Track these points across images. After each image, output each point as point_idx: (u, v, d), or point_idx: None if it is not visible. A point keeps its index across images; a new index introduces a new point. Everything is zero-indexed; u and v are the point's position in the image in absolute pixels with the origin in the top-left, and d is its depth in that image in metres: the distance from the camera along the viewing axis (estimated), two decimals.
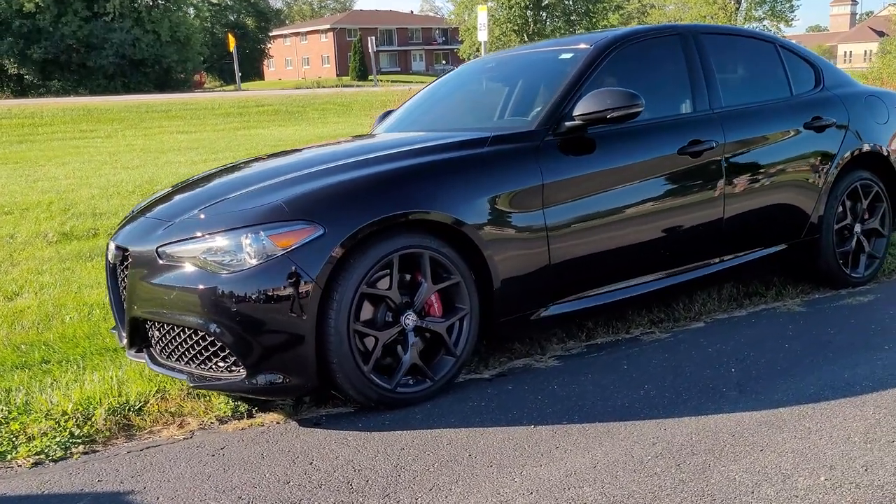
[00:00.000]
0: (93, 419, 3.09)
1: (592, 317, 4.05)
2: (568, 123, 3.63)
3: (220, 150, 14.42)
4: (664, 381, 3.38)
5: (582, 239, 3.60)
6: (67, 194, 9.06)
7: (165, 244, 3.13)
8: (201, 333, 3.03)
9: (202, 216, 3.20)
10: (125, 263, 3.28)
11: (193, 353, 3.10)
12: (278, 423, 3.12)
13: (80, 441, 2.97)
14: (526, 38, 59.75)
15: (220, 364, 3.05)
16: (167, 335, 3.19)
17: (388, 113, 4.98)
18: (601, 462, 2.67)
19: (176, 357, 3.18)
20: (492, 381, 3.47)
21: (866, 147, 4.68)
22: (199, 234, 3.08)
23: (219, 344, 3.00)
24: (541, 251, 3.47)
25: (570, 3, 60.10)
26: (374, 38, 48.88)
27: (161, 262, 3.10)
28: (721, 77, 4.33)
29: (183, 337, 3.13)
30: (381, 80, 58.88)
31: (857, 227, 4.74)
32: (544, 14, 59.56)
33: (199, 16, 56.53)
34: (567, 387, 3.37)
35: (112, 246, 3.43)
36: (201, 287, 2.96)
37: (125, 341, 3.37)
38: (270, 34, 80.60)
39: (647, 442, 2.82)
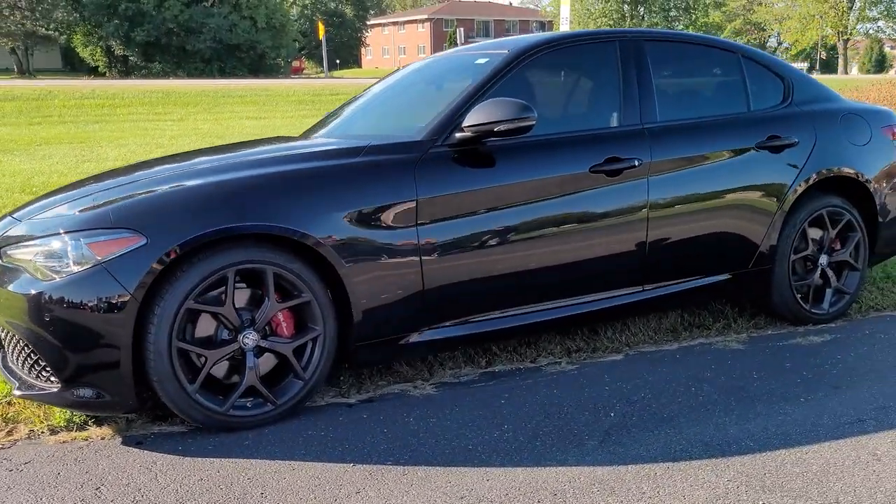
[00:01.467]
0: None
1: (480, 343, 3.77)
2: (458, 135, 3.37)
3: None
4: (530, 422, 3.10)
5: (465, 260, 3.34)
6: None
7: (7, 245, 3.04)
8: (25, 341, 2.93)
9: (46, 217, 3.10)
10: None
11: (31, 361, 3.01)
12: (103, 438, 3.00)
13: None
14: None
15: (44, 374, 2.95)
16: (12, 339, 3.11)
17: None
18: None
19: (19, 362, 3.10)
20: (352, 408, 3.26)
21: (836, 171, 4.22)
22: (37, 236, 2.98)
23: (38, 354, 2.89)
24: (412, 272, 3.23)
25: None
26: (462, 29, 48.61)
27: (2, 262, 3.02)
28: (664, 89, 3.97)
29: (23, 343, 3.03)
30: None
31: (823, 259, 4.28)
32: (642, 9, 58.14)
33: (297, 3, 57.51)
34: (424, 421, 3.12)
35: None
36: (26, 292, 2.85)
37: None
38: (368, 23, 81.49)
39: (457, 495, 2.56)
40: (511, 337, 3.76)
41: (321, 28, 41.05)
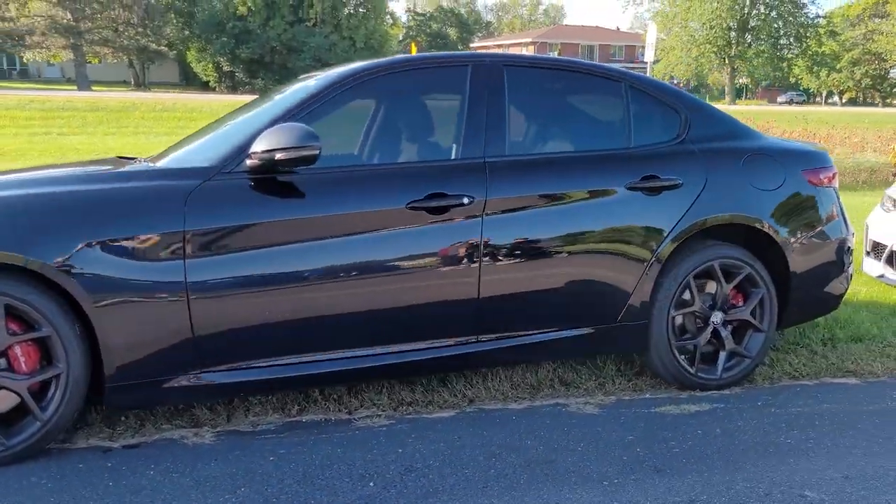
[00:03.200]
0: None
1: (269, 391, 3.44)
2: (249, 162, 3.09)
3: None
4: (274, 486, 2.77)
5: (247, 300, 3.05)
6: None
7: None
8: None
9: None
10: None
11: None
12: None
13: None
14: (727, 61, 56.77)
15: None
16: None
17: None
18: None
19: None
20: (107, 454, 3.01)
21: (729, 218, 3.71)
22: None
23: None
24: (177, 309, 2.96)
25: (780, 25, 56.24)
26: (557, 53, 48.13)
27: None
28: (523, 120, 3.59)
29: None
30: None
31: (716, 317, 3.76)
32: (749, 37, 56.16)
33: (396, 24, 58.42)
34: (165, 476, 2.84)
35: None
36: None
37: None
38: (473, 45, 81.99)
39: None
40: (306, 386, 3.44)
41: (413, 49, 41.42)
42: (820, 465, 3.04)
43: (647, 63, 26.91)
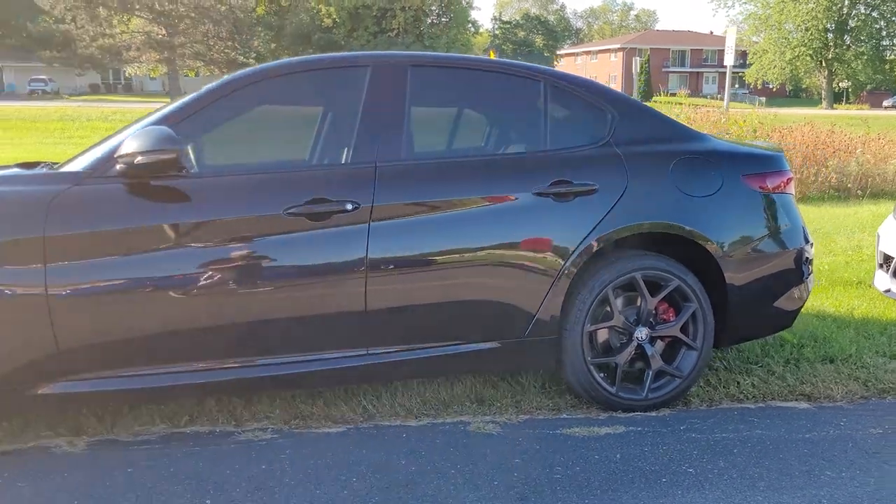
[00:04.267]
0: None
1: (142, 400, 3.35)
2: (118, 167, 3.03)
3: None
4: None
5: (111, 307, 2.99)
6: None
7: None
8: None
9: None
10: None
11: None
12: None
13: None
14: (823, 64, 54.51)
15: None
16: None
17: None
18: None
19: None
20: None
21: (652, 226, 3.45)
22: None
23: None
24: (38, 315, 2.92)
25: (882, 25, 53.63)
26: (638, 58, 47.23)
27: None
28: (428, 123, 3.44)
29: None
30: (660, 101, 56.69)
31: (641, 333, 3.49)
32: (848, 38, 53.75)
33: (479, 32, 58.51)
34: (16, 488, 2.80)
35: None
36: None
37: None
38: (561, 52, 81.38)
39: None
40: (180, 397, 3.34)
41: (492, 56, 41.37)
42: (709, 499, 2.76)
43: (726, 67, 26.31)
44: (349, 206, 3.14)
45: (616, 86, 78.50)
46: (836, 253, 6.96)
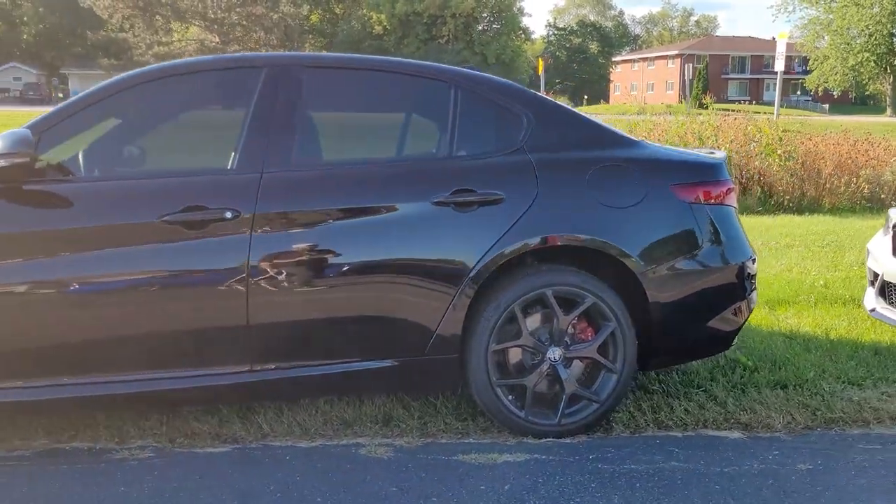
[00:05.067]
0: None
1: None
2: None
3: None
4: None
5: None
6: None
7: None
8: None
9: None
10: None
11: None
12: None
13: None
14: (888, 69, 52.72)
15: None
16: None
17: None
18: None
19: None
20: None
21: (564, 239, 3.20)
22: None
23: None
24: None
25: None
26: (690, 65, 46.31)
27: None
28: (321, 128, 3.26)
29: None
30: (716, 108, 55.50)
31: (554, 353, 3.24)
32: None
33: (529, 39, 58.17)
34: None
35: None
36: None
37: None
38: (617, 59, 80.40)
39: None
40: (47, 413, 3.20)
41: (540, 64, 40.96)
42: None
43: (776, 73, 25.67)
44: (228, 215, 2.98)
45: (673, 93, 77.18)
46: (840, 268, 6.54)
